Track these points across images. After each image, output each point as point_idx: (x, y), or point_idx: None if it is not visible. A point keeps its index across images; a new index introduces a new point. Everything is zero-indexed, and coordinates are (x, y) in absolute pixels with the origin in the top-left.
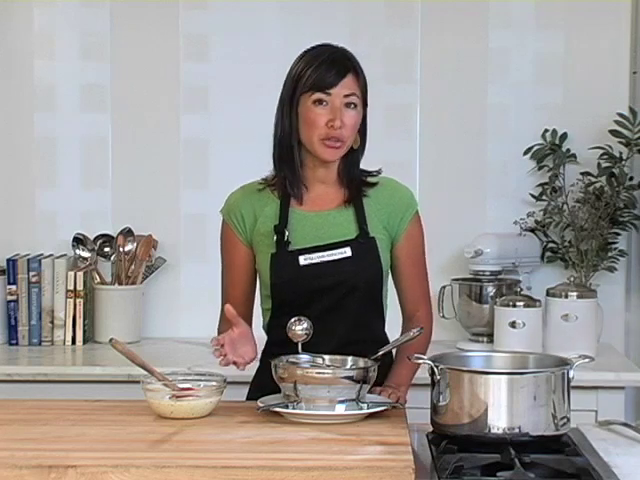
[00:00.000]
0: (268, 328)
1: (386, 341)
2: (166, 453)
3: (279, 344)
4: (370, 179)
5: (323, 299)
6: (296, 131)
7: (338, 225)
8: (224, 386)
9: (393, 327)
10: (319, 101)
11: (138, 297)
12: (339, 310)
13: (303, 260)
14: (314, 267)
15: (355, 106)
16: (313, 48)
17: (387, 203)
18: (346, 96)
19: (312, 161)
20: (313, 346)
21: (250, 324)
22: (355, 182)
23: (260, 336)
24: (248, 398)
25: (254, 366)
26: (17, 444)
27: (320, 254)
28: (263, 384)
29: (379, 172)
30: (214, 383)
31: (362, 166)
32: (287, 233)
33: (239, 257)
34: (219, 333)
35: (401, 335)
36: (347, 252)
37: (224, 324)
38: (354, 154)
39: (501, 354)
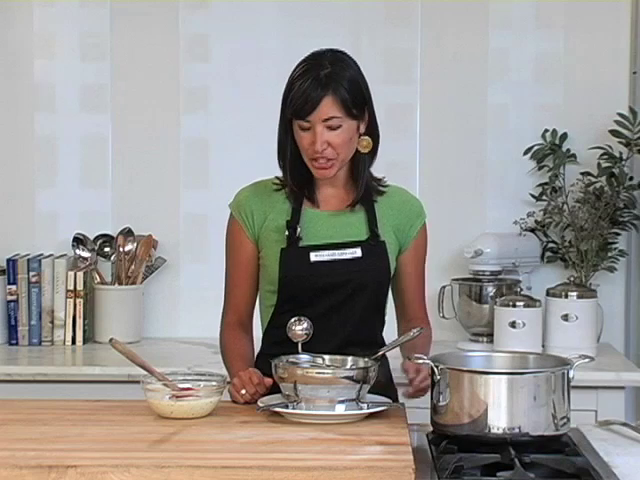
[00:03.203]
0: (268, 327)
1: (383, 344)
2: (166, 453)
3: (279, 343)
4: (381, 188)
5: (329, 298)
6: (293, 143)
7: (350, 225)
8: (224, 386)
9: (388, 330)
10: (302, 126)
11: (138, 297)
12: (343, 310)
13: (314, 257)
14: (324, 264)
15: (339, 126)
16: (305, 59)
17: (399, 210)
18: (325, 120)
19: None
20: (314, 345)
21: (252, 322)
22: (363, 184)
23: (256, 337)
24: None
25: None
26: (17, 444)
27: (331, 252)
28: None
29: (385, 180)
30: (214, 383)
31: None
32: (299, 229)
33: (246, 253)
34: (222, 338)
35: (400, 336)
36: (357, 252)
37: (230, 332)
38: (362, 157)
39: (501, 354)
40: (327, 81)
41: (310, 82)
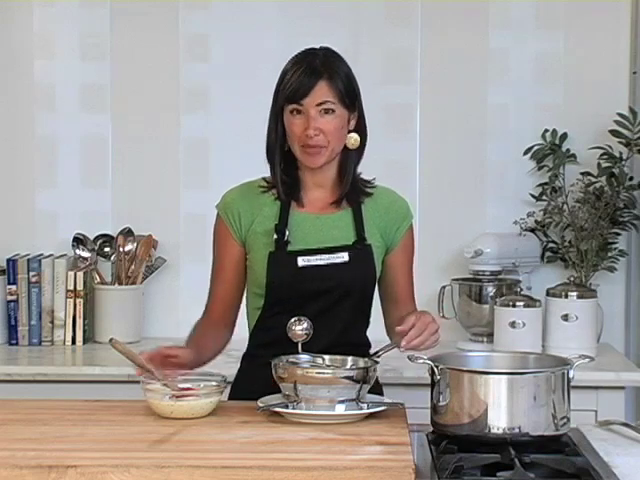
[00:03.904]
0: (254, 329)
1: (368, 344)
2: (166, 453)
3: (265, 345)
4: (368, 189)
5: (317, 302)
6: (283, 137)
7: (337, 229)
8: (224, 386)
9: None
10: (295, 111)
11: (138, 297)
12: (331, 313)
13: (301, 261)
14: (311, 269)
15: (333, 111)
16: (298, 54)
17: (385, 212)
18: (319, 104)
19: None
20: (302, 347)
21: (234, 324)
22: (351, 183)
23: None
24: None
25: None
26: (17, 444)
27: (318, 257)
28: (245, 386)
29: (374, 182)
30: (214, 383)
31: (362, 165)
32: (287, 233)
33: (232, 255)
34: (195, 326)
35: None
36: (344, 257)
37: (205, 326)
38: (349, 154)
39: (501, 354)
40: (322, 69)
41: (304, 69)
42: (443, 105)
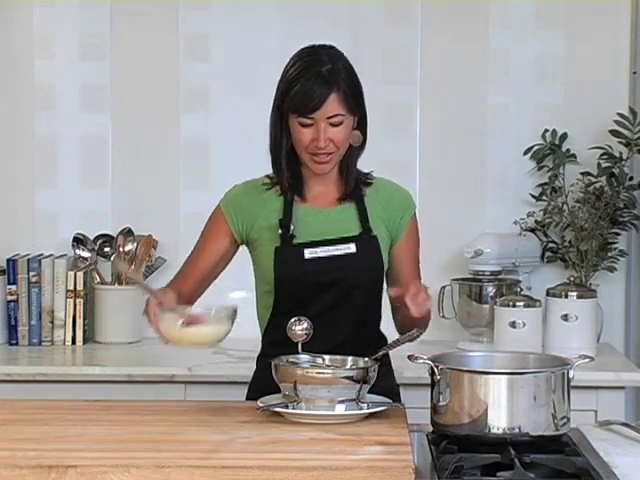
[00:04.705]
0: (267, 327)
1: (383, 338)
2: (166, 453)
3: (279, 344)
4: (368, 180)
5: (327, 295)
6: (287, 139)
7: (342, 221)
8: (235, 316)
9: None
10: (304, 122)
11: (138, 297)
12: (342, 306)
13: (308, 254)
14: (319, 261)
15: (341, 122)
16: (301, 56)
17: (387, 202)
18: (329, 117)
19: None
20: (315, 344)
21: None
22: (353, 178)
23: (254, 337)
24: (247, 399)
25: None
26: (17, 444)
27: (325, 248)
28: (261, 386)
29: (372, 174)
30: (223, 314)
31: (361, 165)
32: (292, 227)
33: (217, 244)
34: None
35: (401, 335)
36: (352, 248)
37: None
38: (351, 151)
39: (501, 354)
40: (330, 78)
41: (314, 79)
42: (443, 105)
